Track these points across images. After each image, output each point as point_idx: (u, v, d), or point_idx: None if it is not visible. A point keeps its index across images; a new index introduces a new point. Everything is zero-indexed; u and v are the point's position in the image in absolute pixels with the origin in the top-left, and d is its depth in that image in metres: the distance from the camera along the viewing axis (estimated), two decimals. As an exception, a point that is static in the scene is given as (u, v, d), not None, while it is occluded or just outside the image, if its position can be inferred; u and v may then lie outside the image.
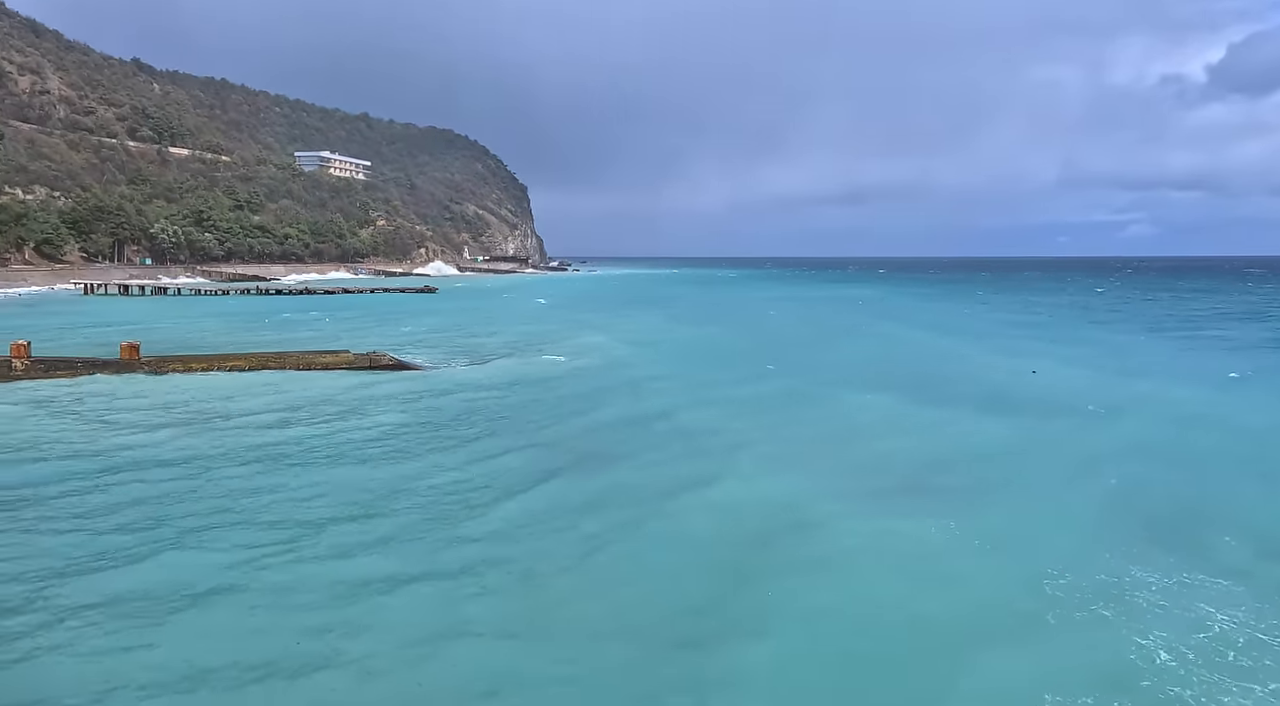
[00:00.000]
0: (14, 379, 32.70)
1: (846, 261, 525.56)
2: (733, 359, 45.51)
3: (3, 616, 12.44)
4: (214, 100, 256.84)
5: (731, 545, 16.04)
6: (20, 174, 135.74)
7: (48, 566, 14.29)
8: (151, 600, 13.05)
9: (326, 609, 12.91)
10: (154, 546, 15.40)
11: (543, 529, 16.88)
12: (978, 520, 17.53)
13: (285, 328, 61.31)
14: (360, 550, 15.43)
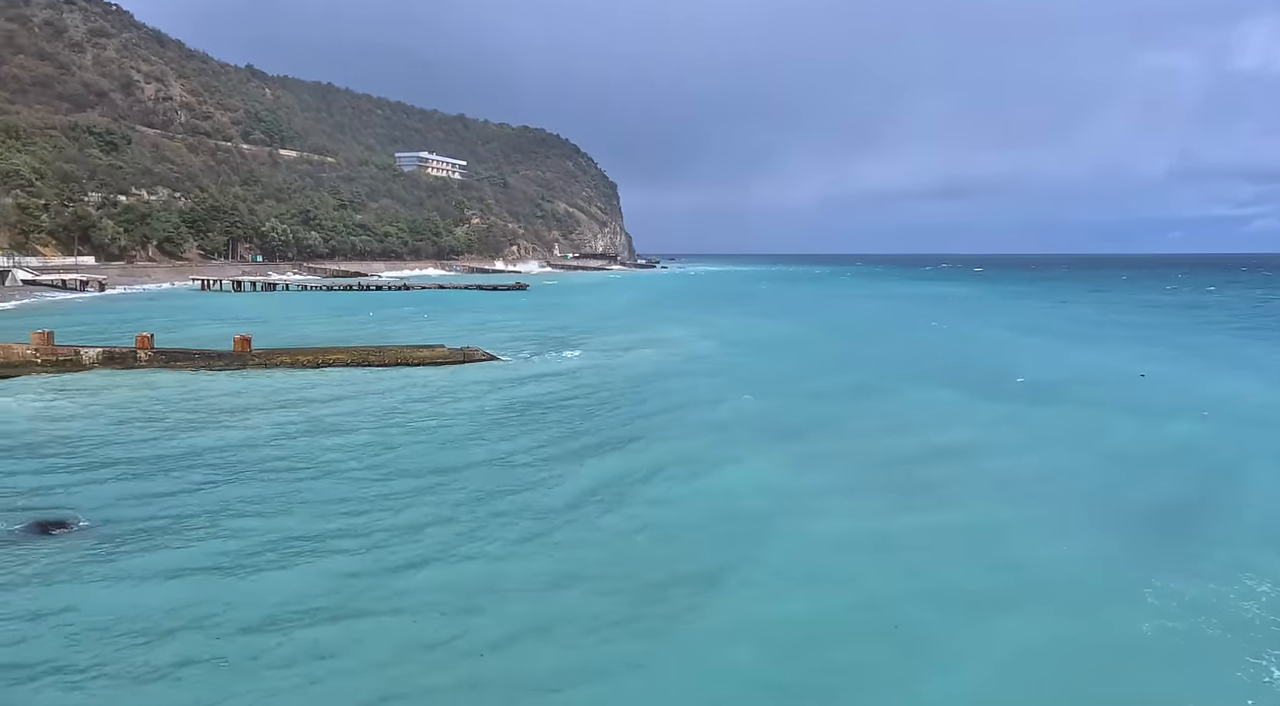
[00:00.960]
0: (139, 368, 35.27)
1: (941, 258, 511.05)
2: (808, 354, 45.50)
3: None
4: (320, 104, 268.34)
5: (737, 520, 16.32)
6: (145, 176, 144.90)
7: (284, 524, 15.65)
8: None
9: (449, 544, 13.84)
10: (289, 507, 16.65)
11: (605, 502, 17.49)
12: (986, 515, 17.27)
13: (385, 322, 63.84)
14: (450, 510, 16.38)
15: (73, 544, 15.64)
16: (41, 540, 15.86)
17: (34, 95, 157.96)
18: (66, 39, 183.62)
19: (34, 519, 16.86)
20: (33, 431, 24.63)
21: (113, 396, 30.11)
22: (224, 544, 15.77)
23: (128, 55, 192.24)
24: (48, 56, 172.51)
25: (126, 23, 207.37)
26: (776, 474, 21.26)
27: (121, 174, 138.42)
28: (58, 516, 17.06)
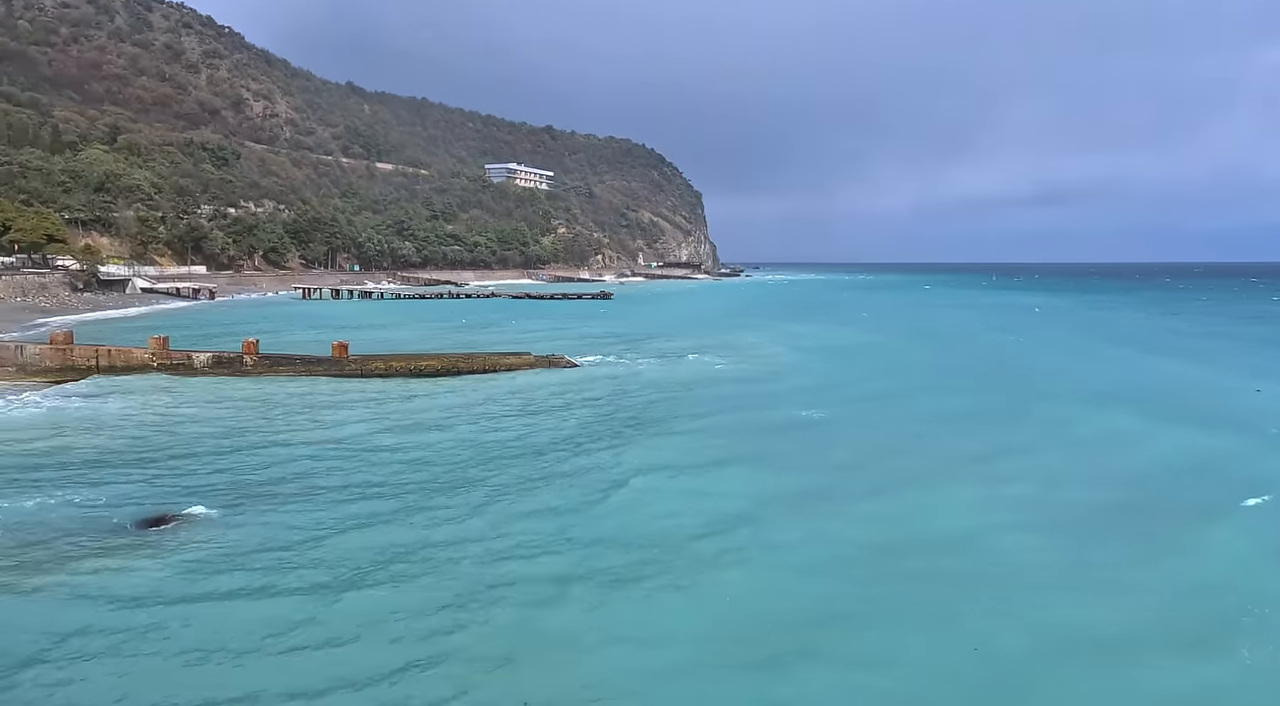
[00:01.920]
0: (245, 375, 37.23)
1: (1036, 267, 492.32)
2: (887, 365, 44.64)
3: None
4: (415, 118, 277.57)
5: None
6: (253, 189, 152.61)
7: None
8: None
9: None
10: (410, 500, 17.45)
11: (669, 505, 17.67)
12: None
13: (475, 329, 65.56)
14: (533, 504, 16.87)
15: (182, 535, 16.71)
16: (155, 531, 17.00)
17: (154, 114, 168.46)
18: (184, 61, 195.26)
19: (147, 512, 18.08)
20: (148, 430, 26.34)
21: (221, 398, 31.92)
22: (318, 537, 16.60)
23: (238, 75, 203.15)
24: (167, 78, 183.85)
25: (238, 44, 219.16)
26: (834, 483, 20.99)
27: (231, 187, 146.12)
28: (169, 510, 18.25)
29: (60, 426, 26.44)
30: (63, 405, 29.88)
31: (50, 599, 13.77)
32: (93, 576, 14.60)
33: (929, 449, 25.12)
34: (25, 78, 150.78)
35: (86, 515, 17.86)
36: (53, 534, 16.67)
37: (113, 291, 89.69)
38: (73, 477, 20.68)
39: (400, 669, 11.84)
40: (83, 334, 42.22)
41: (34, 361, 36.23)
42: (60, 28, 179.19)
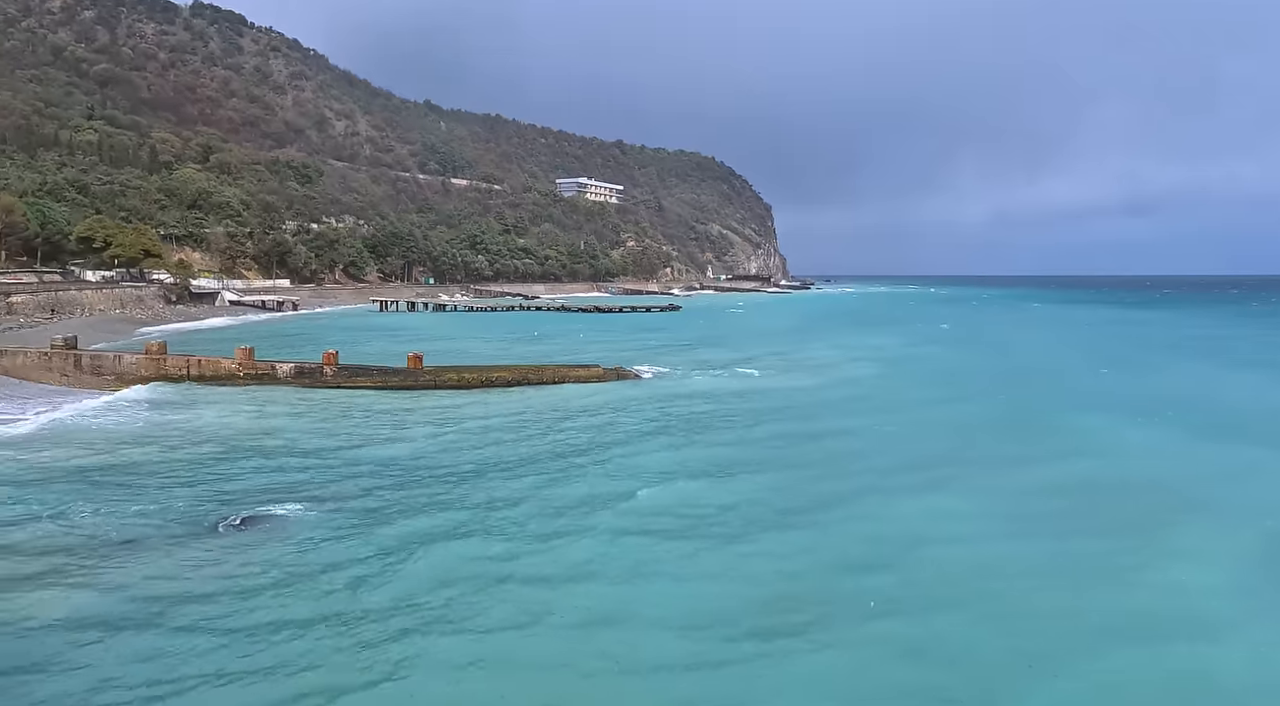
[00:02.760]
0: (325, 384, 38.54)
1: (1124, 280, 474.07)
2: (957, 381, 43.51)
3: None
4: (489, 134, 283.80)
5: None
6: (334, 205, 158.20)
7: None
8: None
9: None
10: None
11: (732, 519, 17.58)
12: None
13: (544, 342, 66.50)
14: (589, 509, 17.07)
15: (266, 535, 17.41)
16: (241, 533, 17.76)
17: (244, 134, 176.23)
18: (272, 83, 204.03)
19: (236, 513, 18.90)
20: (236, 437, 27.52)
21: (303, 407, 33.15)
22: (400, 541, 17.11)
23: (322, 95, 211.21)
24: (256, 99, 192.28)
25: (322, 66, 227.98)
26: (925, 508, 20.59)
27: (314, 204, 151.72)
28: (256, 511, 19.04)
29: (155, 436, 27.82)
30: (157, 416, 31.42)
31: (140, 596, 14.50)
32: (182, 574, 15.34)
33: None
34: (127, 101, 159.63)
35: (179, 516, 18.75)
36: (147, 533, 17.56)
37: (203, 304, 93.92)
38: (167, 482, 21.75)
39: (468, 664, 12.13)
40: (175, 344, 44.32)
41: (131, 370, 38.20)
42: (159, 53, 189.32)
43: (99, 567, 15.70)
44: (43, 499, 19.92)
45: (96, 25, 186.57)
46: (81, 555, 16.34)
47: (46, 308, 69.21)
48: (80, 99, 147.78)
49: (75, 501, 19.69)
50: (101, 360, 39.03)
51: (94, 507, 19.24)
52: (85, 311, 73.59)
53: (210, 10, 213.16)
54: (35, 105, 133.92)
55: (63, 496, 20.17)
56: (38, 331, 55.82)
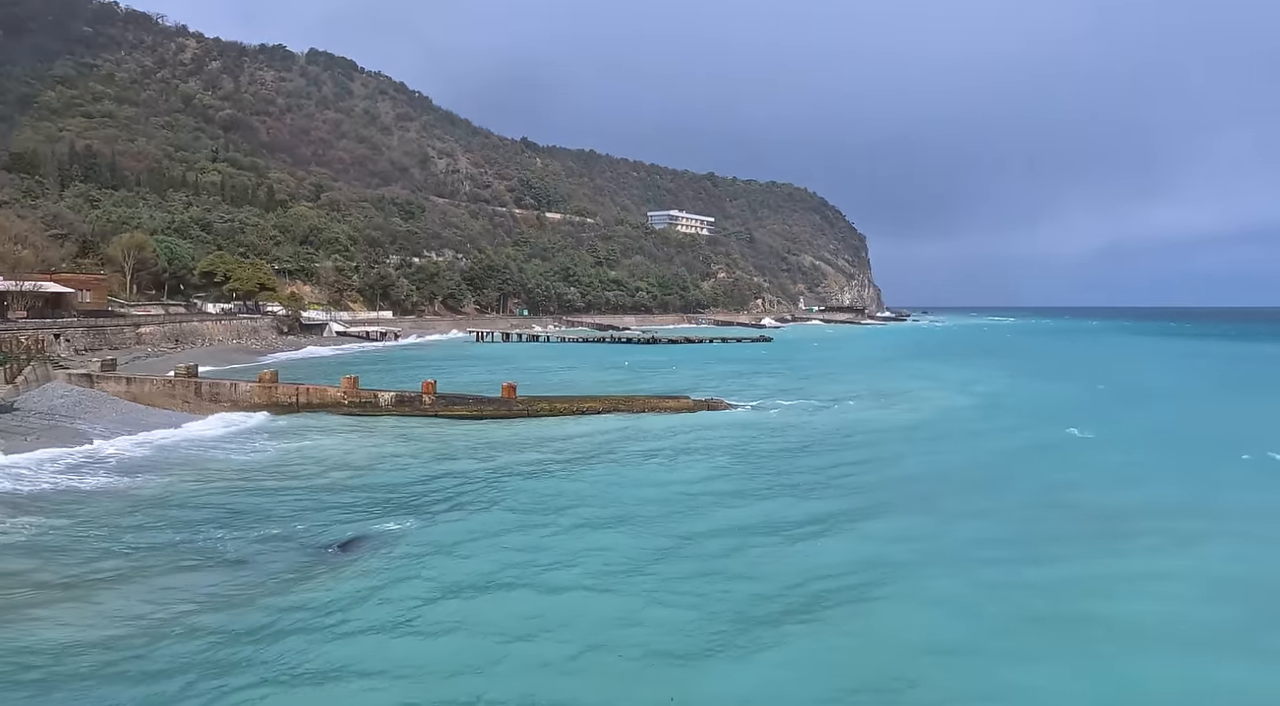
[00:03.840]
0: (424, 413, 39.83)
1: (1243, 311, 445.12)
2: (1064, 417, 41.44)
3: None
4: (583, 169, 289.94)
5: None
6: (434, 240, 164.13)
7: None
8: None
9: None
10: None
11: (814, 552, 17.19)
12: None
13: (635, 373, 66.97)
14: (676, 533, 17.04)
15: (373, 556, 18.09)
16: (350, 552, 18.50)
17: (353, 173, 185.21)
18: (379, 124, 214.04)
19: (344, 535, 19.71)
20: (342, 461, 28.73)
21: (403, 434, 34.39)
22: (498, 562, 17.51)
23: (425, 135, 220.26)
24: (364, 139, 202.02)
25: (426, 107, 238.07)
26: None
27: (416, 238, 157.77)
28: (363, 534, 19.81)
29: (268, 462, 29.31)
30: (270, 443, 33.09)
31: (262, 611, 15.26)
32: (297, 592, 16.08)
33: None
34: (248, 144, 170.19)
35: (294, 540, 19.68)
36: (265, 555, 18.51)
37: (312, 334, 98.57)
38: (279, 504, 22.88)
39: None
40: (285, 372, 46.66)
41: (245, 397, 40.39)
42: (277, 99, 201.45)
43: (227, 584, 16.63)
44: (168, 519, 21.25)
45: (222, 74, 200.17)
46: (208, 571, 17.34)
47: (171, 338, 73.95)
48: (206, 143, 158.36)
49: (199, 524, 20.93)
50: (218, 387, 41.39)
51: (216, 529, 20.40)
52: (205, 341, 78.27)
53: (324, 57, 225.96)
54: (166, 150, 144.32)
55: (185, 518, 21.46)
56: (163, 360, 59.67)
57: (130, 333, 68.94)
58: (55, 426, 32.74)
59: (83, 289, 73.37)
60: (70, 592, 16.17)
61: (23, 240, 72.97)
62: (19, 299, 63.07)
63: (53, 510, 21.79)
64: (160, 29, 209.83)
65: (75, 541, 19.32)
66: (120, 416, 36.20)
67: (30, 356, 40.27)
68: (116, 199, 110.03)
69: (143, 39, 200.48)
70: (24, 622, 14.68)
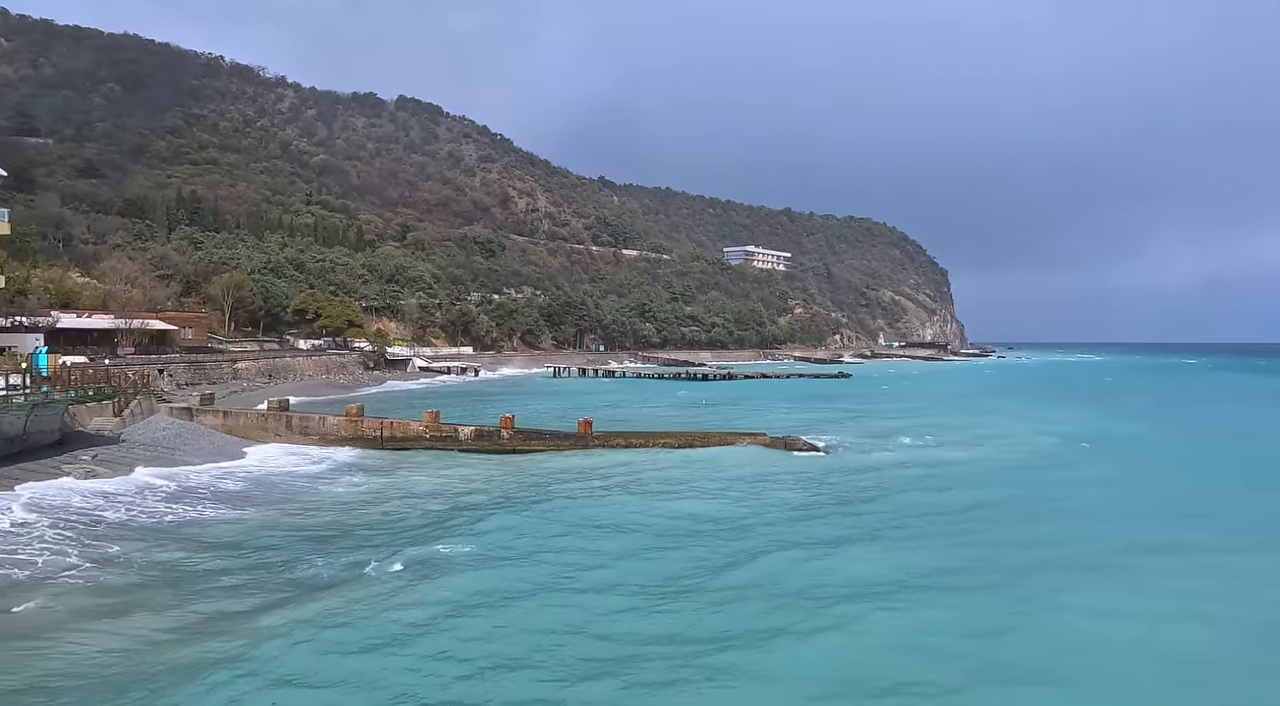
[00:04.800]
0: (502, 447, 40.43)
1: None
2: (1161, 466, 39.23)
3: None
4: (659, 206, 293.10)
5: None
6: (514, 277, 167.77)
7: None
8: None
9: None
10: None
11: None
12: None
13: (712, 409, 66.69)
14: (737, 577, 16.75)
15: (450, 581, 18.37)
16: (424, 577, 18.85)
17: (437, 213, 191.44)
18: (463, 166, 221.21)
19: (423, 560, 20.10)
20: (427, 492, 29.36)
21: (482, 467, 34.99)
22: (563, 590, 17.57)
23: (507, 176, 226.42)
24: (448, 181, 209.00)
25: (507, 149, 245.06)
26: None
27: (496, 276, 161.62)
28: (444, 559, 20.17)
29: (357, 496, 30.19)
30: (359, 478, 34.12)
31: (352, 631, 15.65)
32: (390, 611, 16.47)
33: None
34: (339, 187, 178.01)
35: (378, 567, 20.16)
36: (349, 581, 19.01)
37: (396, 369, 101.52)
38: (369, 535, 23.52)
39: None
40: (370, 407, 48.05)
41: (333, 431, 41.75)
42: (367, 144, 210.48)
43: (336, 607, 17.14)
44: (265, 545, 22.06)
45: (317, 121, 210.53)
46: (322, 591, 17.90)
47: (265, 373, 77.19)
48: (301, 186, 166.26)
49: (295, 551, 21.65)
50: (308, 421, 42.91)
51: (312, 556, 21.07)
52: (296, 376, 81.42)
53: (412, 103, 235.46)
54: (264, 193, 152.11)
55: (278, 545, 22.24)
56: (256, 394, 62.29)
57: (227, 368, 72.26)
58: (157, 457, 34.44)
59: (185, 326, 77.42)
60: (198, 611, 16.86)
61: (133, 281, 77.66)
62: (128, 336, 66.90)
63: (161, 537, 22.82)
64: (261, 80, 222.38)
65: (188, 567, 20.19)
66: (216, 448, 37.86)
67: (136, 390, 42.55)
68: (218, 240, 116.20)
69: (245, 90, 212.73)
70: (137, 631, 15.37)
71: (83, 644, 15.32)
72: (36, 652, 14.90)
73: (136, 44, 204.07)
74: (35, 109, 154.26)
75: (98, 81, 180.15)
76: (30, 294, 62.30)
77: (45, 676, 13.94)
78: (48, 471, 29.40)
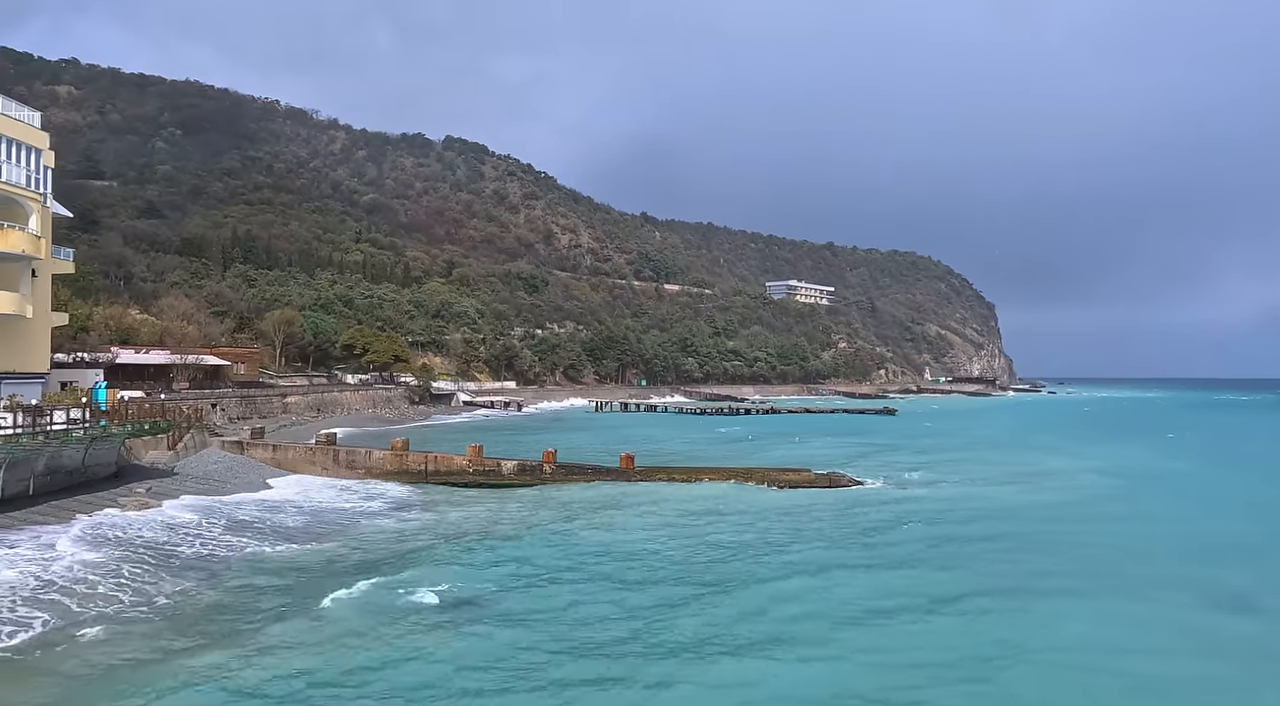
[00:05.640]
0: (544, 482, 40.51)
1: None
2: (1224, 506, 37.87)
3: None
4: (701, 241, 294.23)
5: None
6: (557, 312, 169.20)
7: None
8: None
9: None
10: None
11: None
12: None
13: (756, 444, 66.12)
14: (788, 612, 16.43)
15: (486, 613, 18.36)
16: (456, 611, 18.86)
17: (482, 250, 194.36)
18: (507, 204, 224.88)
19: (458, 594, 20.13)
20: (468, 529, 29.51)
21: (523, 501, 35.09)
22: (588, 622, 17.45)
23: (550, 212, 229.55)
24: (493, 218, 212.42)
25: (551, 186, 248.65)
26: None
27: (539, 311, 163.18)
28: (479, 595, 20.18)
29: (418, 532, 30.46)
30: (406, 514, 34.46)
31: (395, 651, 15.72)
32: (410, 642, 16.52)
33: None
34: (388, 225, 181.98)
35: (413, 599, 20.26)
36: (391, 612, 19.14)
37: (441, 404, 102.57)
38: (411, 572, 23.69)
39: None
40: (416, 441, 48.54)
41: (379, 464, 42.26)
42: (415, 183, 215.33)
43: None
44: (318, 574, 22.34)
45: (367, 162, 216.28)
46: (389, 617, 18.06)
47: (314, 407, 78.55)
48: (351, 225, 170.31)
49: (327, 583, 21.88)
50: (354, 455, 43.50)
51: (359, 580, 21.27)
52: (344, 410, 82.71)
53: (459, 143, 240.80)
54: (316, 231, 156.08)
55: (333, 572, 22.50)
56: (305, 428, 63.38)
57: (278, 402, 73.72)
58: (209, 489, 35.16)
59: (238, 361, 79.29)
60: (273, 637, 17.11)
61: (189, 317, 79.99)
62: (183, 371, 68.71)
63: (216, 566, 23.22)
64: (314, 123, 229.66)
65: (234, 597, 20.49)
66: (266, 481, 38.55)
67: (190, 424, 43.60)
68: (270, 278, 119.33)
69: (299, 132, 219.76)
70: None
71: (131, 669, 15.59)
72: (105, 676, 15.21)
73: (197, 90, 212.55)
74: (101, 153, 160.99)
75: (160, 126, 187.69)
76: (92, 330, 64.42)
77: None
78: (103, 503, 30.15)
